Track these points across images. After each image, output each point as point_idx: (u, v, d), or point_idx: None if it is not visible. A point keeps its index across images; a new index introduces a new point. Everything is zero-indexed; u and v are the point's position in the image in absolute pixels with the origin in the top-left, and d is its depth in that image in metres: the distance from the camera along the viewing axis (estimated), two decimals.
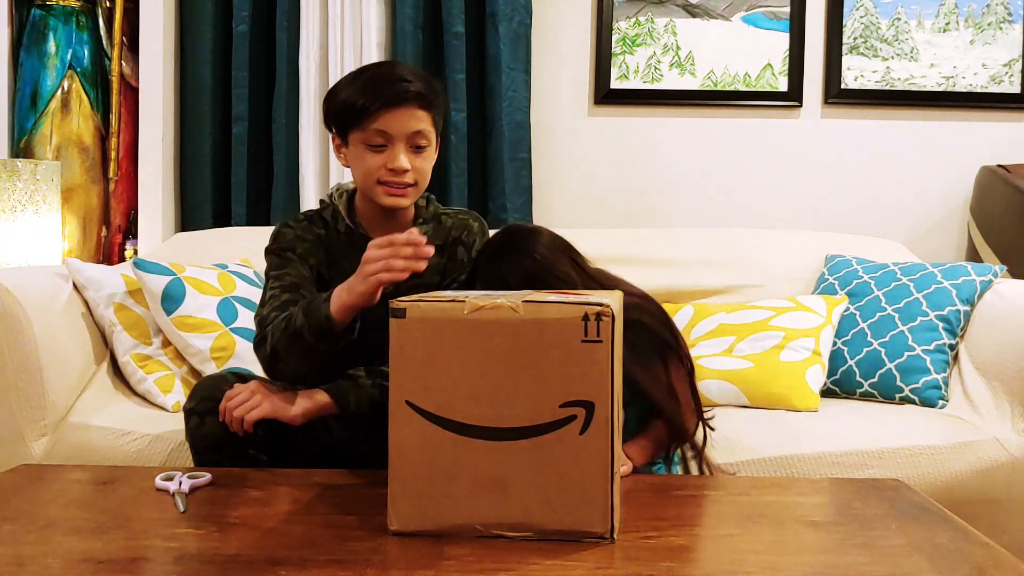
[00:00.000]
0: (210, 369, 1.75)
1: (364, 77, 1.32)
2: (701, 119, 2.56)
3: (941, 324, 1.81)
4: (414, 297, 0.95)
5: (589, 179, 2.57)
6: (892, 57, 2.51)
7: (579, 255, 1.39)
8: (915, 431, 1.58)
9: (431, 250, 1.14)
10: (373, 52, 2.40)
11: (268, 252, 1.40)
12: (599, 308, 0.89)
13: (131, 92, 2.52)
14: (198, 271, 1.89)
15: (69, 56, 2.45)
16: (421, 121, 1.31)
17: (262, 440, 1.27)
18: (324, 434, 1.38)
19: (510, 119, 2.41)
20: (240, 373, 1.36)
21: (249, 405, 1.23)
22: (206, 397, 1.29)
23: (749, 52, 2.51)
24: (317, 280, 1.39)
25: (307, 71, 2.44)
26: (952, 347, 1.81)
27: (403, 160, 1.30)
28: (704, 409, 1.39)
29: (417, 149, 1.33)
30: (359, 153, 1.32)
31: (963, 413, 1.69)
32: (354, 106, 1.29)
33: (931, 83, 2.51)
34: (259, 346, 1.30)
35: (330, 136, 1.40)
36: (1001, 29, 2.49)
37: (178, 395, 1.74)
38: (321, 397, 1.28)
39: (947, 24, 2.50)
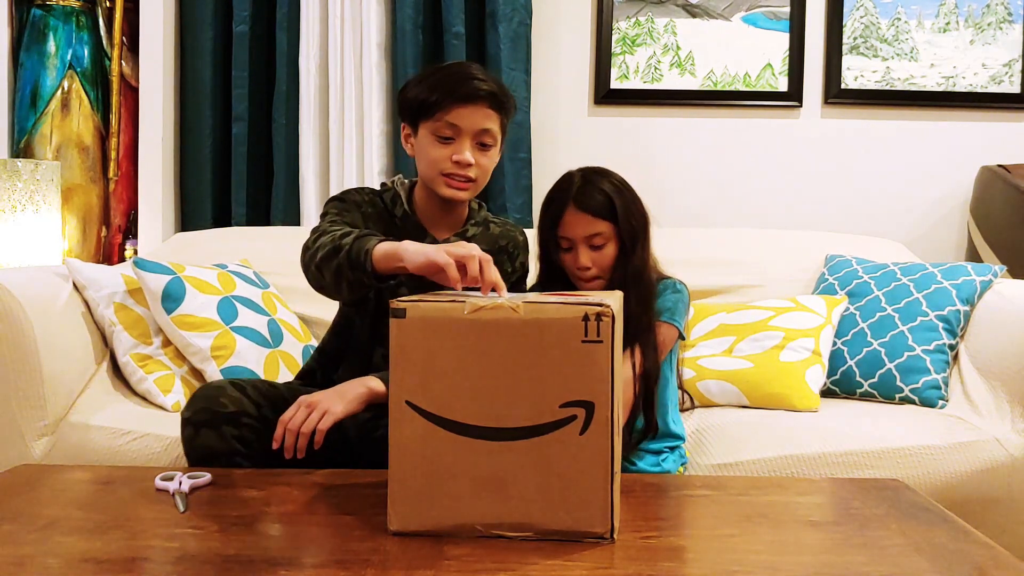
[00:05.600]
0: (211, 368, 1.75)
1: (441, 74, 1.37)
2: (701, 119, 2.56)
3: (941, 324, 1.81)
4: (414, 297, 0.95)
5: None
6: (892, 57, 2.51)
7: None
8: (915, 431, 1.58)
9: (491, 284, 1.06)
10: (373, 52, 2.40)
11: (332, 200, 1.43)
12: (599, 308, 0.89)
13: (131, 92, 2.52)
14: (198, 270, 1.89)
15: (69, 56, 2.45)
16: (490, 120, 1.37)
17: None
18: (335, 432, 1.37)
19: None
20: (235, 381, 1.33)
21: (315, 416, 1.21)
22: (203, 408, 1.27)
23: (749, 52, 2.51)
24: None
25: (307, 71, 2.44)
26: (952, 347, 1.81)
27: (468, 154, 1.35)
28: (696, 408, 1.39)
29: (483, 147, 1.38)
30: (427, 143, 1.37)
31: (963, 413, 1.69)
32: (428, 99, 1.34)
33: (931, 83, 2.51)
34: (306, 250, 1.27)
35: (401, 125, 1.45)
36: (1001, 29, 2.49)
37: (178, 395, 1.74)
38: (375, 384, 1.27)
39: (947, 24, 2.50)
